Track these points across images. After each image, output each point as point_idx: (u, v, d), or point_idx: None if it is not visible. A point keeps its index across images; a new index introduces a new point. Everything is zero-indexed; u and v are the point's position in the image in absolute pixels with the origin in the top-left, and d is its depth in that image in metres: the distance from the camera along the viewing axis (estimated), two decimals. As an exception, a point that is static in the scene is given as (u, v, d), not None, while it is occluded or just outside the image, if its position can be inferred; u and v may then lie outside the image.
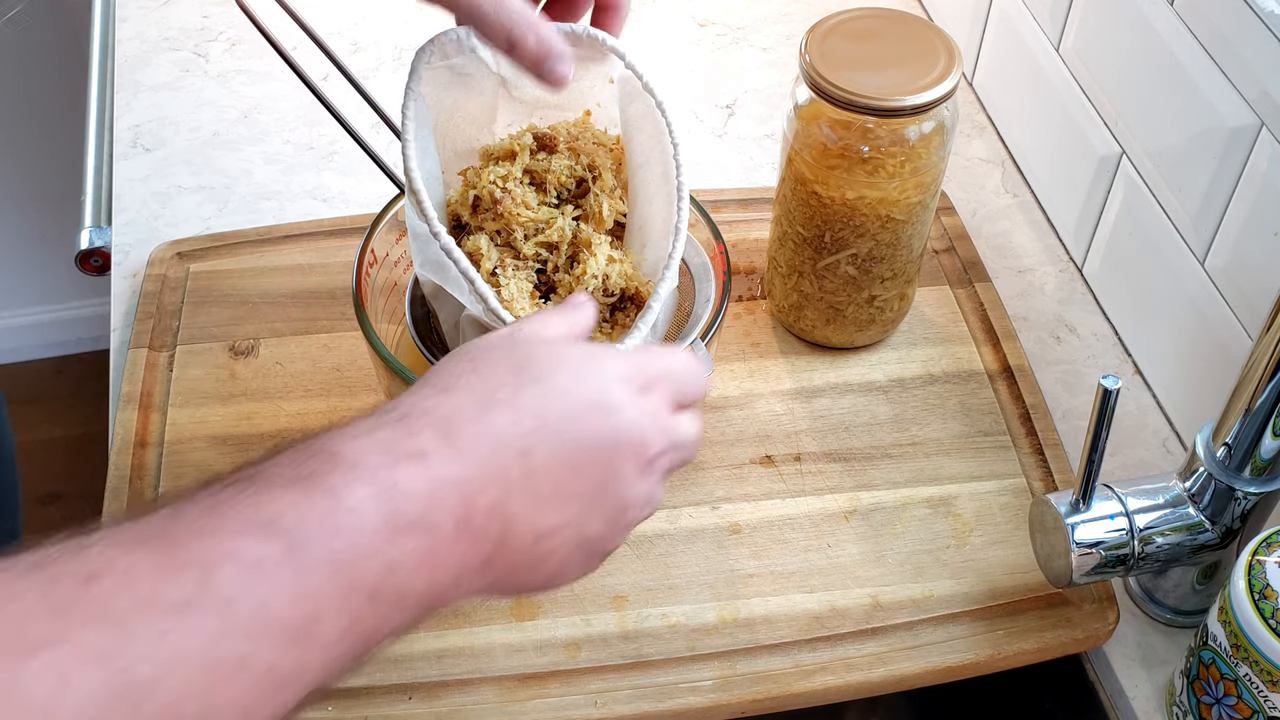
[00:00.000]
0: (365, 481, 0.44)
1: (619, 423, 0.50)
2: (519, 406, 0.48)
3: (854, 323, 0.82)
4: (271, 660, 0.40)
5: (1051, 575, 0.69)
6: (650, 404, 0.52)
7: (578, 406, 0.49)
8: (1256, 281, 0.72)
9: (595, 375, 0.51)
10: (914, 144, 0.73)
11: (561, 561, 0.50)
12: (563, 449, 0.49)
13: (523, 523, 0.48)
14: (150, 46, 1.06)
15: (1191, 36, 0.75)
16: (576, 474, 0.49)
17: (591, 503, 0.50)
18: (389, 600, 0.44)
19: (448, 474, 0.45)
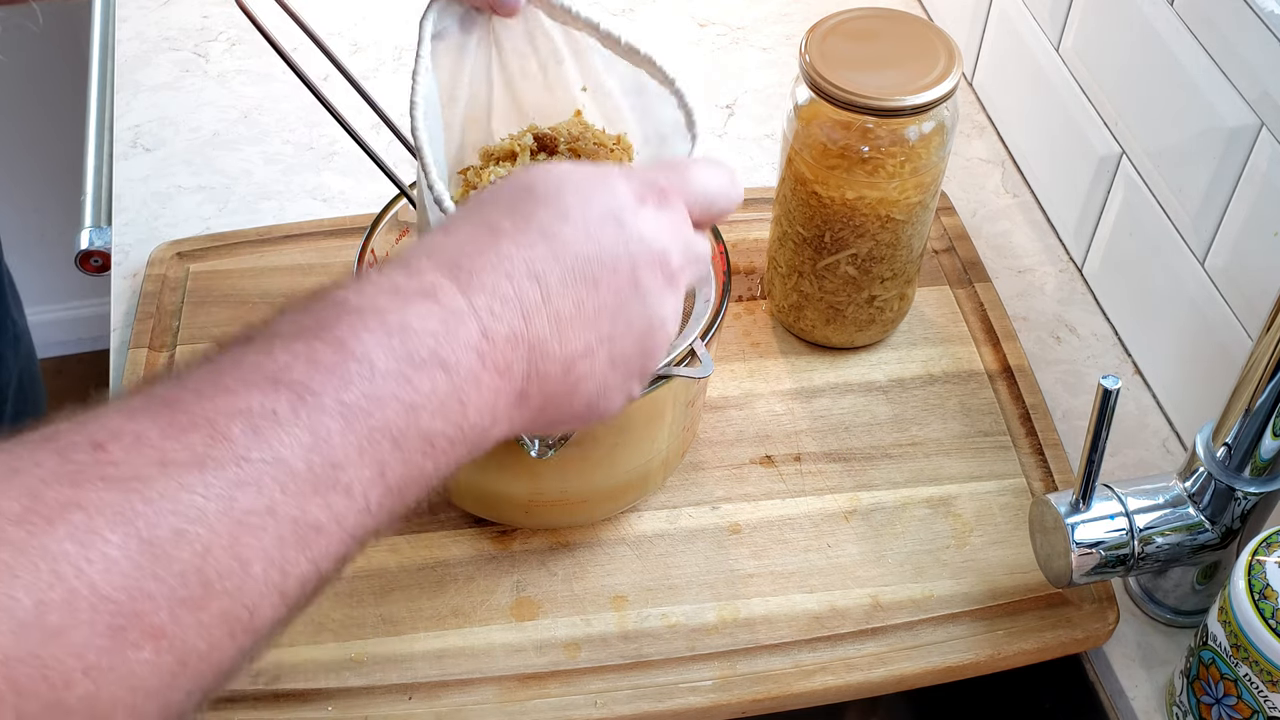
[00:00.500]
0: (373, 328, 0.43)
1: (634, 234, 0.49)
2: (525, 230, 0.47)
3: (854, 323, 0.82)
4: (296, 510, 0.39)
5: (1051, 575, 0.69)
6: (667, 216, 0.50)
7: (589, 222, 0.48)
8: (1256, 281, 0.72)
9: (603, 192, 0.49)
10: (914, 144, 0.73)
11: (600, 386, 0.49)
12: (578, 267, 0.47)
13: (550, 348, 0.47)
14: (150, 46, 1.06)
15: (1191, 36, 0.75)
16: (596, 291, 0.48)
17: (617, 319, 0.49)
18: (416, 445, 0.43)
19: (458, 307, 0.45)
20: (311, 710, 0.66)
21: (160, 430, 0.38)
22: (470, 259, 0.46)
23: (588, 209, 0.48)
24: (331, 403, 0.41)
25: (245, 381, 0.40)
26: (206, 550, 0.37)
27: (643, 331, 0.50)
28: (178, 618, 0.36)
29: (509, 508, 0.72)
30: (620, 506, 0.74)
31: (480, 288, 0.45)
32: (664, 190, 0.51)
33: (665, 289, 0.50)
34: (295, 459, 0.39)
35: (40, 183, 1.73)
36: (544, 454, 0.62)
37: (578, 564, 0.73)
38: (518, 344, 0.46)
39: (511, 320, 0.46)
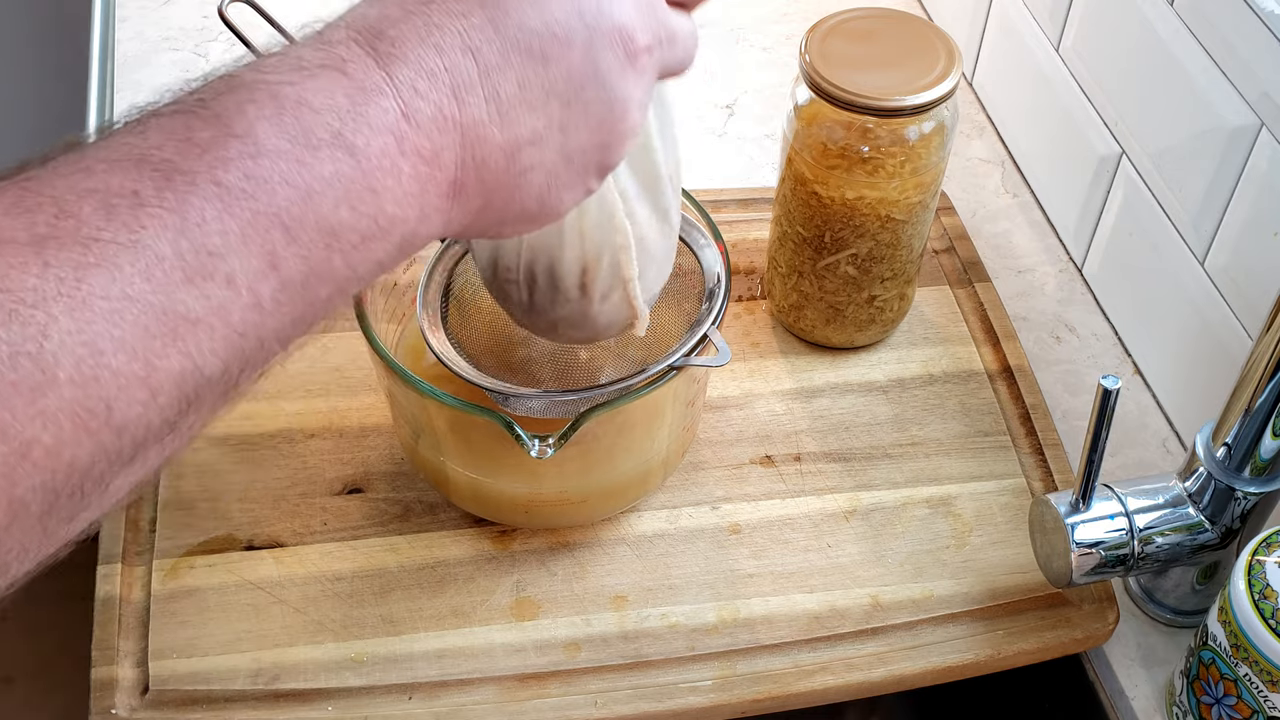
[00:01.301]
0: (262, 102, 0.38)
1: (591, 3, 0.43)
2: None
3: (854, 323, 0.82)
4: (161, 298, 0.35)
5: (1051, 575, 0.69)
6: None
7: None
8: (1256, 281, 0.72)
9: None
10: (914, 144, 0.73)
11: (548, 178, 0.44)
12: (522, 39, 0.41)
13: (487, 132, 0.41)
14: (150, 46, 1.06)
15: (1191, 36, 0.75)
16: (545, 68, 0.42)
17: (570, 102, 0.43)
18: (315, 236, 0.38)
19: (372, 82, 0.39)
20: (311, 710, 0.66)
21: (2, 209, 0.34)
22: (394, 27, 0.40)
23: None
24: (206, 183, 0.36)
25: (108, 160, 0.36)
26: (43, 333, 0.33)
27: (600, 118, 0.44)
28: (9, 403, 0.32)
29: (509, 508, 0.72)
30: (620, 506, 0.74)
31: (402, 59, 0.40)
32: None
33: (627, 69, 0.44)
34: (159, 242, 0.35)
35: (40, 183, 1.72)
36: (544, 454, 0.62)
37: (578, 564, 0.73)
38: (447, 127, 0.40)
39: (439, 99, 0.40)
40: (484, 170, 0.42)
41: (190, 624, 0.69)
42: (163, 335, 0.35)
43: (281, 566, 0.72)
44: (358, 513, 0.74)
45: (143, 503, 0.74)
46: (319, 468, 0.76)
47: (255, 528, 0.73)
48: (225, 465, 0.76)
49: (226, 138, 0.37)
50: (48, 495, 0.34)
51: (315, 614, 0.70)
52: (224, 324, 0.36)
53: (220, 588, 0.71)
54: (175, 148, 0.36)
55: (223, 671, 0.67)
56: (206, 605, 0.70)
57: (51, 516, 0.34)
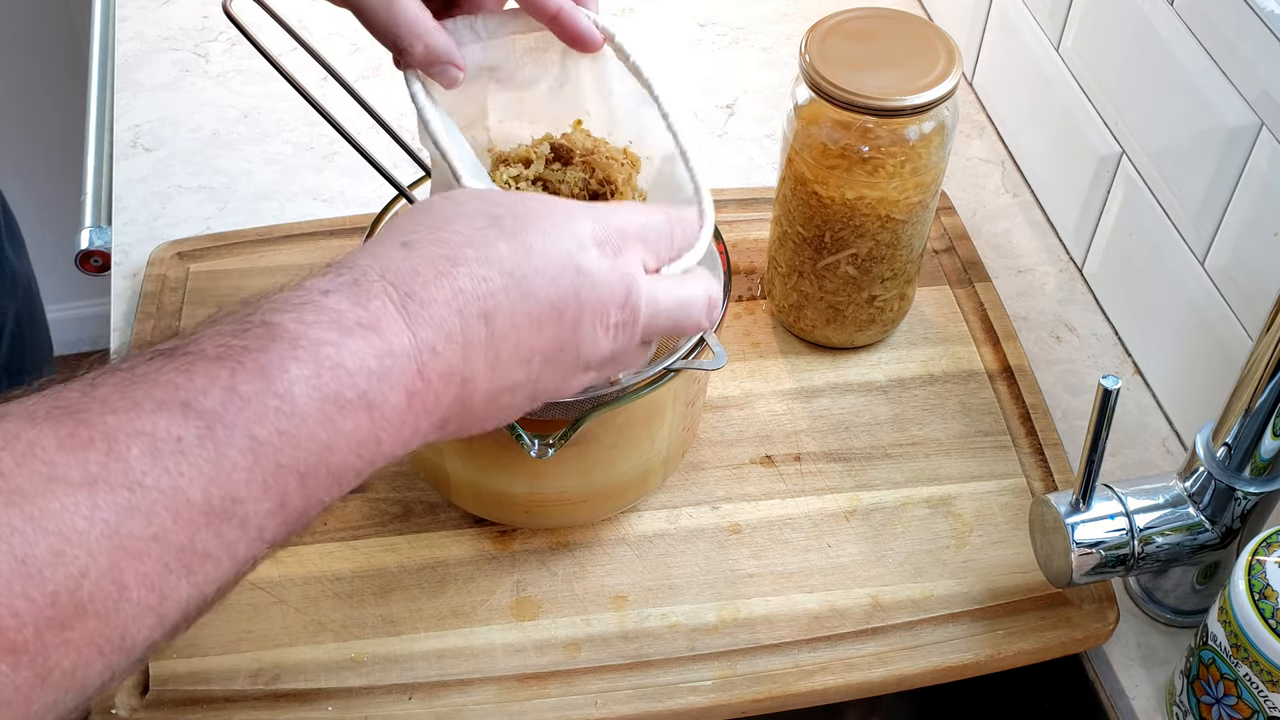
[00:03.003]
0: (304, 361, 0.41)
1: (586, 281, 0.48)
2: (485, 263, 0.46)
3: (854, 323, 0.82)
4: (185, 539, 0.38)
5: (1051, 575, 0.69)
6: (622, 263, 0.50)
7: (548, 264, 0.47)
8: (1256, 281, 0.72)
9: (567, 233, 0.49)
10: (914, 144, 0.73)
11: (511, 414, 0.50)
12: (527, 308, 0.47)
13: (481, 383, 0.46)
14: (150, 46, 1.06)
15: (1191, 36, 0.75)
16: (539, 332, 0.48)
17: (549, 360, 0.49)
18: (323, 480, 0.42)
19: (401, 346, 0.43)
20: (311, 710, 0.66)
21: (58, 441, 0.37)
22: (425, 288, 0.45)
23: (550, 249, 0.48)
24: (242, 437, 0.39)
25: (156, 400, 0.39)
26: (83, 574, 0.36)
27: (567, 371, 0.50)
28: (42, 636, 0.35)
29: (509, 508, 0.72)
30: (620, 506, 0.74)
31: (428, 322, 0.44)
32: (623, 236, 0.51)
33: (602, 337, 0.50)
34: (193, 489, 0.38)
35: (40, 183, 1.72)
36: (544, 454, 0.62)
37: (578, 564, 0.73)
38: (450, 381, 0.45)
39: (451, 359, 0.45)
40: (466, 412, 0.47)
41: (190, 624, 0.69)
42: (179, 570, 0.38)
43: (281, 566, 0.72)
44: (358, 513, 0.74)
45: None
46: (319, 468, 0.76)
47: (255, 528, 0.73)
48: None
49: (266, 395, 0.40)
50: (56, 708, 0.37)
51: (315, 614, 0.70)
52: (230, 558, 0.40)
53: (220, 588, 0.70)
54: (220, 398, 0.39)
55: (223, 671, 0.67)
56: (206, 605, 0.70)
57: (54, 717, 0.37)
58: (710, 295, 0.55)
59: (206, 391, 0.39)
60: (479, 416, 0.48)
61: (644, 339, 0.53)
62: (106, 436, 0.37)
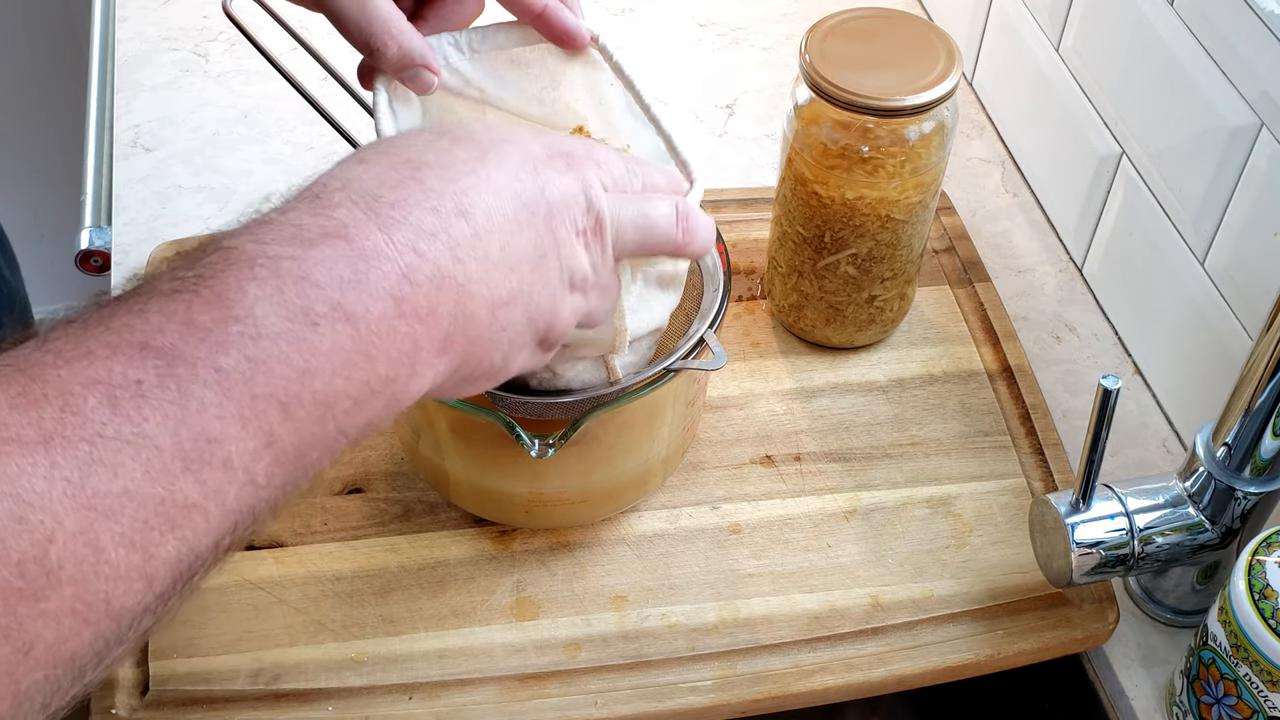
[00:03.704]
0: (264, 280, 0.38)
1: (546, 183, 0.46)
2: (448, 165, 0.44)
3: (854, 323, 0.82)
4: (161, 490, 0.36)
5: (1051, 575, 0.69)
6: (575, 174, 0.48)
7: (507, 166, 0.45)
8: (1256, 281, 0.72)
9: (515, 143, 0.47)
10: (914, 144, 0.73)
11: (513, 338, 0.46)
12: (503, 206, 0.44)
13: (478, 289, 0.43)
14: (150, 46, 1.06)
15: (1191, 36, 0.75)
16: (520, 233, 0.45)
17: (535, 267, 0.46)
18: (310, 409, 0.39)
19: (375, 247, 0.40)
20: (311, 710, 0.66)
21: (9, 401, 0.34)
22: (392, 190, 0.42)
23: (504, 154, 0.46)
24: (206, 370, 0.37)
25: (110, 345, 0.36)
26: (49, 538, 0.33)
27: (556, 284, 0.47)
28: (14, 609, 0.33)
29: (509, 508, 0.72)
30: (620, 506, 0.74)
31: (402, 222, 0.41)
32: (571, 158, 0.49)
33: (576, 244, 0.47)
34: (160, 434, 0.35)
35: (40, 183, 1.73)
36: (544, 454, 0.62)
37: (578, 564, 0.73)
38: (445, 284, 0.42)
39: (438, 258, 0.42)
40: (470, 326, 0.44)
41: (190, 623, 0.69)
42: (160, 525, 0.36)
43: (282, 566, 0.72)
44: (358, 513, 0.74)
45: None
46: (319, 468, 0.76)
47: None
48: (225, 465, 0.76)
49: (227, 321, 0.37)
50: (49, 685, 0.35)
51: (315, 614, 0.70)
52: (219, 506, 0.37)
53: (220, 587, 0.70)
54: (177, 332, 0.37)
55: (223, 671, 0.67)
56: (207, 605, 0.70)
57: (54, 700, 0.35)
58: (677, 207, 0.52)
59: (162, 329, 0.37)
60: (485, 336, 0.45)
61: (616, 255, 0.51)
62: (61, 390, 0.35)
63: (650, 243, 0.52)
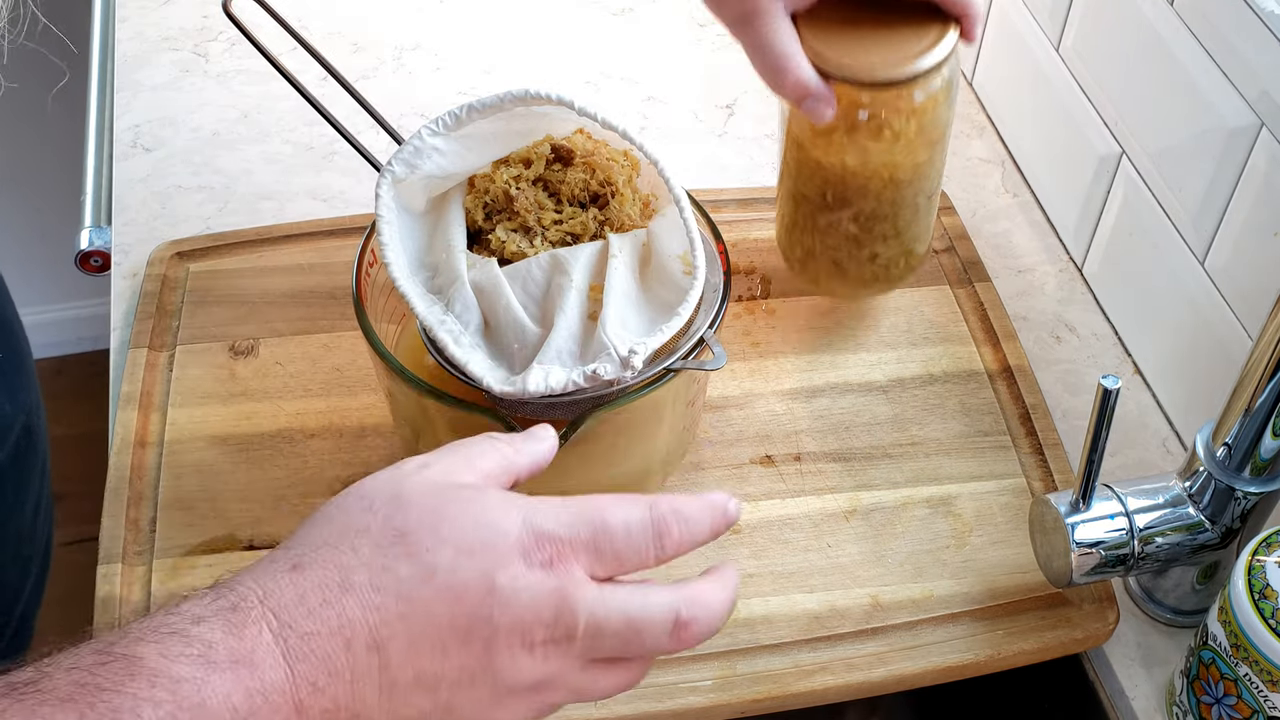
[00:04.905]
0: (161, 702, 0.38)
1: (499, 601, 0.43)
2: (379, 589, 0.42)
3: (857, 279, 0.81)
4: None
5: (1051, 575, 0.69)
6: (555, 575, 0.45)
7: (456, 583, 0.43)
8: (1256, 281, 0.72)
9: (486, 548, 0.44)
10: (921, 104, 0.72)
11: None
12: (429, 634, 0.43)
13: (376, 715, 0.43)
14: (150, 46, 1.06)
15: (1191, 36, 0.75)
16: (444, 659, 0.43)
17: (458, 688, 0.44)
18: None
19: (275, 682, 0.40)
20: (311, 710, 0.66)
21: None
22: (309, 618, 0.41)
23: (459, 567, 0.43)
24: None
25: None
26: None
27: (489, 698, 0.45)
28: None
29: (509, 508, 0.72)
30: (620, 506, 0.74)
31: (308, 655, 0.41)
32: (559, 547, 0.45)
33: (523, 657, 0.45)
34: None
35: (40, 183, 1.72)
36: (544, 454, 0.62)
37: (578, 564, 0.73)
38: (337, 714, 0.42)
39: (336, 693, 0.41)
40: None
41: (190, 624, 0.69)
42: None
43: (281, 566, 0.72)
44: (358, 513, 0.74)
45: (143, 502, 0.74)
46: (319, 468, 0.76)
47: (255, 528, 0.73)
48: (225, 465, 0.76)
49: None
50: None
51: (315, 614, 0.70)
52: None
53: (220, 588, 0.70)
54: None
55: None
56: (206, 605, 0.70)
57: None
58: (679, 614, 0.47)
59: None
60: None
61: (590, 658, 0.46)
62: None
63: (631, 650, 0.47)
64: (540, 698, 0.46)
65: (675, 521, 0.48)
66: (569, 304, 0.64)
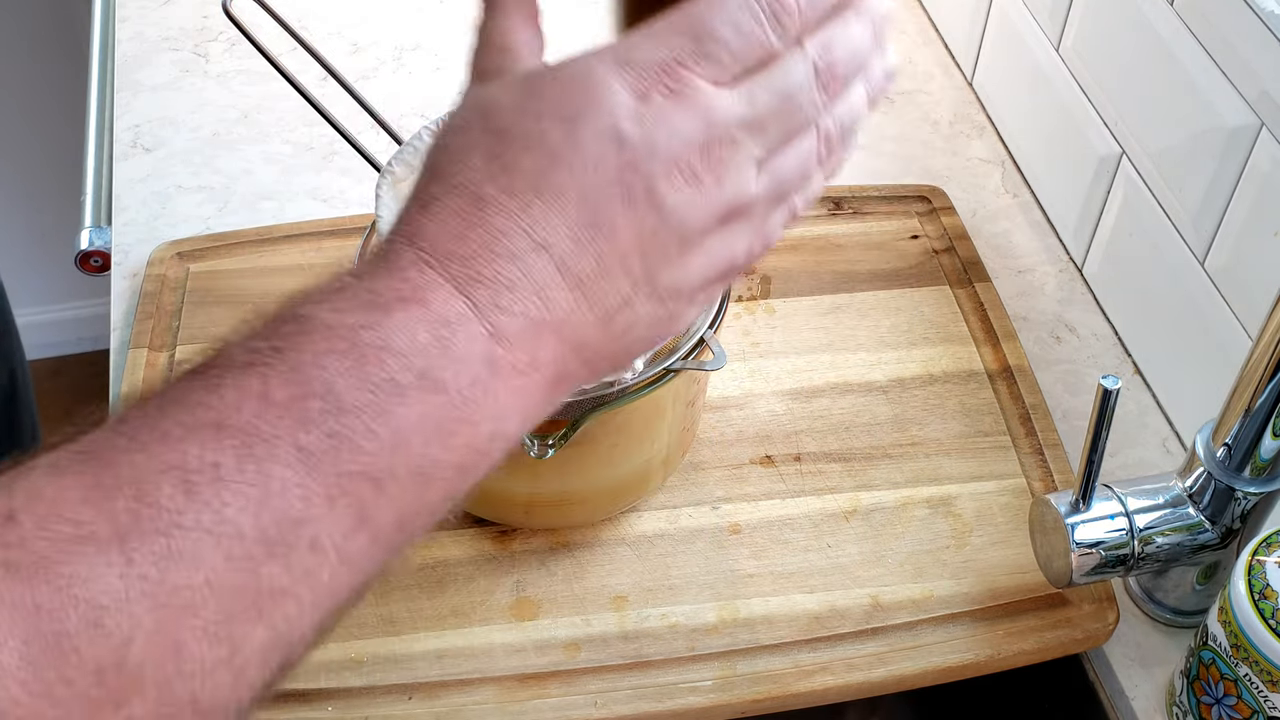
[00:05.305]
0: (341, 350, 0.36)
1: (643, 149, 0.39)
2: (513, 192, 0.39)
3: None
4: (245, 578, 0.34)
5: (1051, 575, 0.69)
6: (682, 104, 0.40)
7: (583, 156, 0.39)
8: (1256, 281, 0.72)
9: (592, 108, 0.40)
10: None
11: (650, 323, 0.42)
12: (586, 216, 0.39)
13: (580, 317, 0.40)
14: (150, 46, 1.06)
15: (1191, 36, 0.75)
16: (615, 235, 0.40)
17: (648, 252, 0.40)
18: (408, 482, 0.37)
19: (454, 312, 0.38)
20: (311, 710, 0.66)
21: (82, 493, 0.33)
22: (460, 242, 0.39)
23: (578, 138, 0.39)
24: (286, 449, 0.35)
25: (185, 426, 0.35)
26: (128, 640, 0.32)
27: (678, 250, 0.41)
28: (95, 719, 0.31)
29: (509, 508, 0.72)
30: (620, 506, 0.74)
31: (479, 279, 0.38)
32: (668, 69, 0.40)
33: (695, 191, 0.40)
34: (242, 519, 0.34)
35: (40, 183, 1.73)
36: (544, 454, 0.62)
37: (578, 564, 0.73)
38: (540, 331, 0.39)
39: (526, 308, 0.39)
40: (584, 350, 0.41)
41: (190, 624, 0.69)
42: (246, 614, 0.34)
43: (281, 566, 0.72)
44: (358, 513, 0.74)
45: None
46: (319, 468, 0.76)
47: (255, 528, 0.73)
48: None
49: (306, 396, 0.35)
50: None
51: (315, 614, 0.70)
52: (311, 590, 0.36)
53: (220, 588, 0.70)
54: (254, 409, 0.35)
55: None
56: (206, 605, 0.70)
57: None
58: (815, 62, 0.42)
59: (239, 406, 0.35)
60: (606, 348, 0.41)
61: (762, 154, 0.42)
62: (135, 479, 0.33)
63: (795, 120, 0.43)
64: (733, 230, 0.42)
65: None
66: None
